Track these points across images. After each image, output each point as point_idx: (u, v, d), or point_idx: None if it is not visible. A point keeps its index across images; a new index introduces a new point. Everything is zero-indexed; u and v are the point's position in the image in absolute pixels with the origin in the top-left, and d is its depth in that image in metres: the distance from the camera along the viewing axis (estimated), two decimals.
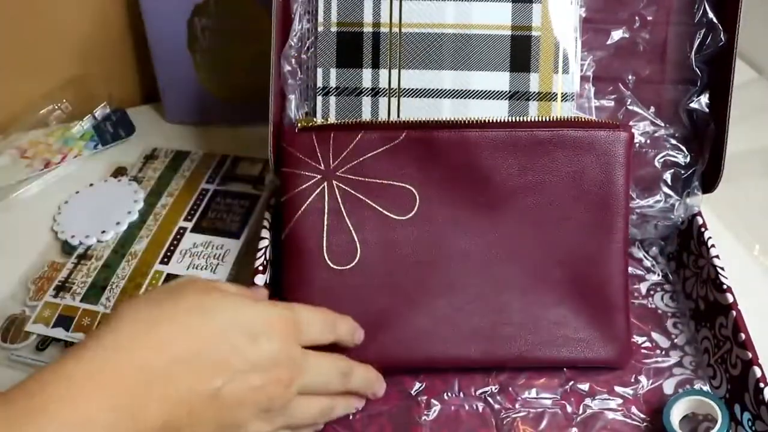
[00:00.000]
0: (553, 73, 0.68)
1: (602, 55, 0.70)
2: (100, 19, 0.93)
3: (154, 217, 0.83)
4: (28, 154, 0.91)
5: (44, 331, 0.72)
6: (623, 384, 0.66)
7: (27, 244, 0.81)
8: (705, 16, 0.69)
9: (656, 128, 0.71)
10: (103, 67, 0.96)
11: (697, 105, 0.70)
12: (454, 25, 0.67)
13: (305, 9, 0.69)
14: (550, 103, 0.68)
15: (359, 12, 0.68)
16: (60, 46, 0.93)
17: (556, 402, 0.64)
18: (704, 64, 0.70)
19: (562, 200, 0.64)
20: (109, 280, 0.76)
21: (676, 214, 0.71)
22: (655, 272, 0.75)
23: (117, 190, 0.86)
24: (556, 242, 0.65)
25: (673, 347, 0.69)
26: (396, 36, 0.68)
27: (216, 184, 0.86)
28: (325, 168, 0.66)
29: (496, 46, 0.67)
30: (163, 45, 0.91)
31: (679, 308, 0.72)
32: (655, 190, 0.71)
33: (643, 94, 0.71)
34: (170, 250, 0.79)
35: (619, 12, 0.70)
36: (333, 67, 0.69)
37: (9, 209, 0.85)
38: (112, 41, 0.95)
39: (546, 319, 0.65)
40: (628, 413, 0.64)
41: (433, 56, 0.68)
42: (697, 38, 0.69)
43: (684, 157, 0.71)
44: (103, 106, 0.95)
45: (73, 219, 0.83)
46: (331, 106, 0.69)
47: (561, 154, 0.64)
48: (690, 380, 0.66)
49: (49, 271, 0.78)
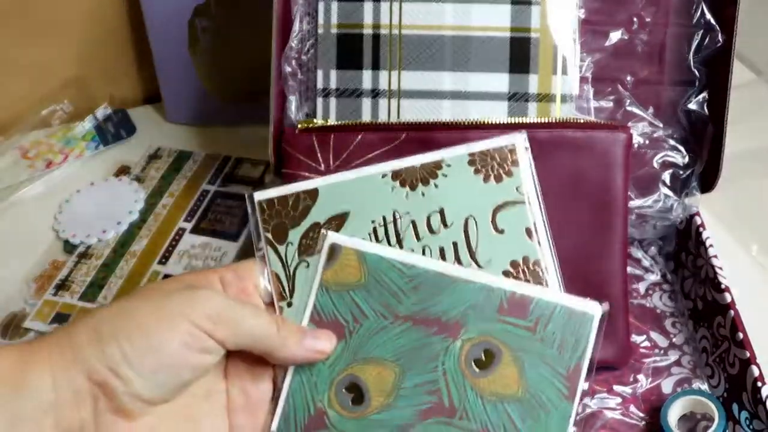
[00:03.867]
0: (552, 74, 0.68)
1: (601, 56, 0.70)
2: (101, 19, 0.93)
3: (154, 217, 0.83)
4: (30, 154, 0.91)
5: (42, 328, 0.72)
6: (622, 383, 0.66)
7: (29, 243, 0.81)
8: (703, 17, 0.69)
9: (655, 129, 0.71)
10: (104, 68, 0.96)
11: (695, 106, 0.70)
12: (454, 27, 0.68)
13: (305, 10, 0.69)
14: (549, 104, 0.68)
15: (359, 13, 0.68)
16: (61, 46, 0.93)
17: None
18: (702, 65, 0.70)
19: (562, 201, 0.65)
20: (107, 279, 0.77)
21: (675, 214, 0.72)
22: (653, 272, 0.75)
23: (118, 189, 0.87)
24: (555, 242, 0.65)
25: (671, 347, 0.69)
26: (396, 37, 0.68)
27: (217, 186, 0.87)
28: (326, 169, 0.66)
29: (495, 48, 0.68)
30: (164, 46, 0.91)
31: (678, 308, 0.72)
32: (653, 190, 0.71)
33: (642, 95, 0.71)
34: (168, 251, 0.79)
35: (617, 13, 0.70)
36: (333, 68, 0.69)
37: (11, 209, 0.86)
38: (113, 42, 0.95)
39: None
40: (626, 412, 0.64)
41: (432, 58, 0.68)
42: (695, 39, 0.70)
43: (682, 158, 0.71)
44: (104, 107, 0.96)
45: (75, 218, 0.83)
46: (331, 108, 0.69)
47: (560, 154, 0.64)
48: (688, 379, 0.67)
49: (50, 269, 0.78)
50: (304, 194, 0.52)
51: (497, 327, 0.48)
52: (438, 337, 0.49)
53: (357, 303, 0.50)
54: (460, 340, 0.49)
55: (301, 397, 0.50)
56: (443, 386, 0.49)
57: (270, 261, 0.52)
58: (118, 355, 0.44)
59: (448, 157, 0.52)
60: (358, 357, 0.50)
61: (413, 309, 0.49)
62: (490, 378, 0.48)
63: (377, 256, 0.49)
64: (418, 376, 0.49)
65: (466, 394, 0.48)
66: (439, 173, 0.52)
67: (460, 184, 0.51)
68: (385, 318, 0.49)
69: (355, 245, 0.49)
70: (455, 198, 0.51)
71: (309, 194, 0.52)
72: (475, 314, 0.48)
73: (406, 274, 0.49)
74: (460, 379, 0.49)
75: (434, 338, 0.49)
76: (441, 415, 0.48)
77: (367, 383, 0.50)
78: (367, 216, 0.51)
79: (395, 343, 0.49)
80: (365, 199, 0.51)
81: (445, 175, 0.52)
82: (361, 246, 0.49)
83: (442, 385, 0.49)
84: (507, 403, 0.48)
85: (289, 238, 0.52)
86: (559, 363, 0.48)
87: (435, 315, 0.49)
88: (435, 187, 0.51)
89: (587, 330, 0.48)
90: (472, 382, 0.49)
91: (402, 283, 0.49)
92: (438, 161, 0.52)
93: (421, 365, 0.49)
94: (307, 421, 0.50)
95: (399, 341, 0.49)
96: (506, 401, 0.48)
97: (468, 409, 0.48)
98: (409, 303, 0.49)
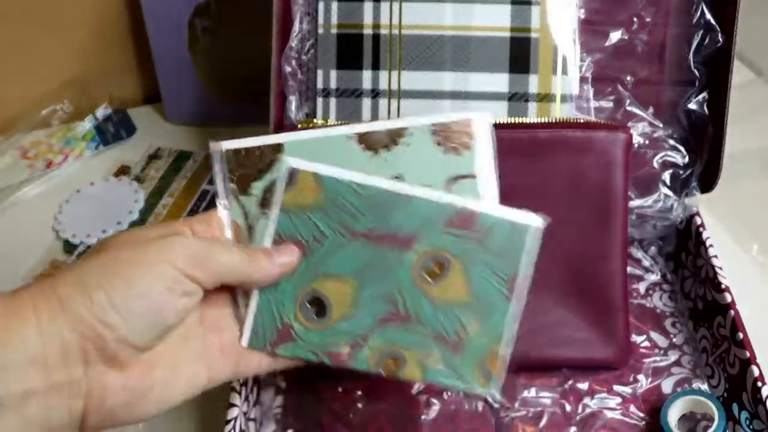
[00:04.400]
0: (552, 74, 0.68)
1: (601, 56, 0.70)
2: (101, 19, 0.93)
3: (154, 217, 0.83)
4: (30, 154, 0.91)
5: None
6: (622, 383, 0.66)
7: (29, 243, 0.81)
8: (703, 17, 0.69)
9: (655, 129, 0.71)
10: (104, 68, 0.96)
11: (695, 106, 0.70)
12: (454, 27, 0.68)
13: (306, 10, 0.69)
14: (549, 104, 0.68)
15: (359, 13, 0.68)
16: (61, 46, 0.93)
17: (555, 401, 0.65)
18: (702, 65, 0.70)
19: (561, 201, 0.65)
20: None
21: (675, 214, 0.72)
22: (653, 272, 0.75)
23: (118, 189, 0.87)
24: (554, 243, 0.65)
25: (671, 347, 0.69)
26: (396, 37, 0.68)
27: None
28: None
29: (495, 48, 0.68)
30: (164, 45, 0.91)
31: (678, 308, 0.72)
32: (653, 190, 0.71)
33: (642, 95, 0.71)
34: None
35: (617, 13, 0.70)
36: (333, 68, 0.69)
37: (11, 209, 0.86)
38: (113, 42, 0.95)
39: (545, 319, 0.65)
40: (626, 412, 0.64)
41: (432, 58, 0.68)
42: (696, 39, 0.70)
43: (682, 158, 0.71)
44: (104, 107, 0.96)
45: (75, 218, 0.83)
46: (331, 108, 0.69)
47: (560, 155, 0.64)
48: (688, 379, 0.67)
49: (50, 269, 0.78)
50: (271, 148, 0.54)
51: (447, 239, 0.52)
52: (393, 252, 0.52)
53: (316, 223, 0.52)
54: (413, 252, 0.52)
55: (269, 314, 0.53)
56: (398, 296, 0.53)
57: (232, 210, 0.54)
58: (105, 303, 0.44)
59: (412, 126, 0.53)
60: (319, 273, 0.53)
61: (369, 226, 0.52)
62: (441, 286, 0.52)
63: (333, 178, 0.51)
64: (376, 287, 0.53)
65: (420, 302, 0.52)
66: (401, 141, 0.53)
67: (420, 153, 0.53)
68: (342, 236, 0.52)
69: (313, 168, 0.52)
70: (414, 165, 0.53)
71: (275, 148, 0.53)
72: (426, 229, 0.52)
73: (361, 194, 0.52)
74: (413, 289, 0.52)
75: (389, 253, 0.52)
76: (398, 321, 0.53)
77: (329, 297, 0.53)
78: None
79: (353, 259, 0.52)
80: (328, 157, 0.53)
81: (407, 144, 0.53)
82: (318, 169, 0.52)
83: (397, 295, 0.53)
84: (456, 307, 0.52)
85: (252, 190, 0.54)
86: (501, 269, 0.52)
87: (389, 231, 0.52)
88: (396, 154, 0.53)
89: (527, 239, 0.51)
90: (424, 291, 0.52)
91: (358, 202, 0.52)
92: (402, 128, 0.54)
93: (378, 278, 0.52)
94: (275, 336, 0.53)
95: (357, 257, 0.52)
96: (456, 306, 0.52)
97: (422, 315, 0.52)
98: (365, 221, 0.52)
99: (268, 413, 0.65)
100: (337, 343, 0.53)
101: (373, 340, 0.53)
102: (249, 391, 0.61)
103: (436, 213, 0.51)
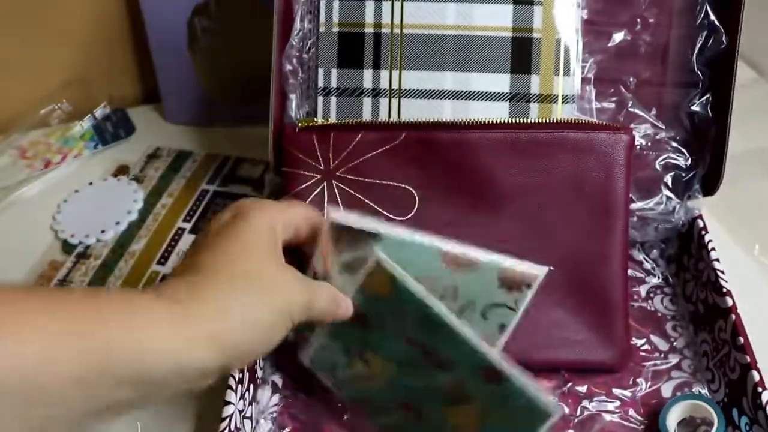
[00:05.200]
0: (553, 75, 0.68)
1: (603, 57, 0.70)
2: (101, 19, 0.93)
3: (153, 217, 0.83)
4: (29, 154, 0.91)
5: None
6: (621, 386, 0.66)
7: (27, 244, 0.81)
8: (707, 18, 0.69)
9: (657, 130, 0.71)
10: (103, 68, 0.96)
11: (698, 107, 0.70)
12: (456, 27, 0.67)
13: (307, 9, 0.69)
14: (551, 105, 0.68)
15: (361, 12, 0.68)
16: (60, 46, 0.93)
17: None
18: (705, 67, 0.70)
19: (563, 202, 0.64)
20: (106, 279, 0.76)
21: (677, 216, 0.71)
22: (655, 275, 0.75)
23: (117, 189, 0.86)
24: (555, 244, 0.65)
25: (672, 350, 0.69)
26: (397, 37, 0.68)
27: (216, 186, 0.86)
28: (325, 168, 0.66)
29: (497, 48, 0.67)
30: (164, 45, 0.91)
31: (679, 311, 0.72)
32: (655, 192, 0.71)
33: (644, 97, 0.71)
34: (168, 251, 0.79)
35: (620, 14, 0.70)
36: (334, 67, 0.69)
37: (10, 209, 0.85)
38: (113, 41, 0.95)
39: (545, 321, 0.65)
40: (625, 416, 0.64)
41: (434, 57, 0.68)
42: (699, 40, 0.69)
43: (685, 160, 0.71)
44: (103, 106, 0.96)
45: (73, 218, 0.83)
46: (331, 106, 0.69)
47: (561, 155, 0.64)
48: (688, 383, 0.66)
49: (48, 270, 0.78)
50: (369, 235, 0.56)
51: (475, 381, 0.55)
52: (428, 365, 0.56)
53: (381, 310, 0.56)
54: (446, 374, 0.56)
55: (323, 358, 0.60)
56: (419, 397, 0.58)
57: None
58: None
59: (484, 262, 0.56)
60: (370, 346, 0.58)
61: (419, 338, 0.56)
62: (456, 412, 0.57)
63: (406, 288, 0.55)
64: (408, 381, 0.58)
65: (433, 413, 0.58)
66: (472, 269, 0.56)
67: (483, 282, 0.57)
68: (397, 332, 0.56)
69: (392, 271, 0.55)
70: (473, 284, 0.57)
71: (372, 236, 0.56)
72: (462, 362, 0.55)
73: (420, 311, 0.55)
74: (434, 401, 0.58)
75: (425, 362, 0.56)
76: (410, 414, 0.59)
77: (372, 367, 0.59)
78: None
79: (399, 353, 0.57)
80: (413, 258, 0.56)
81: (475, 271, 0.56)
82: (396, 274, 0.55)
83: (421, 399, 0.58)
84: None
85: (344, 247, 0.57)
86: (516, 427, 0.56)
87: (434, 349, 0.56)
88: (465, 273, 0.56)
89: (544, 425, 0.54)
90: (442, 408, 0.58)
91: (416, 315, 0.55)
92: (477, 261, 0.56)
93: (412, 377, 0.58)
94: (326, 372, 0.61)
95: (402, 353, 0.57)
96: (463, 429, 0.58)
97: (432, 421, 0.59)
98: (417, 332, 0.56)
99: (264, 412, 0.64)
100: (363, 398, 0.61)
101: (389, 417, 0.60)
102: (245, 389, 0.61)
103: (471, 356, 0.54)
